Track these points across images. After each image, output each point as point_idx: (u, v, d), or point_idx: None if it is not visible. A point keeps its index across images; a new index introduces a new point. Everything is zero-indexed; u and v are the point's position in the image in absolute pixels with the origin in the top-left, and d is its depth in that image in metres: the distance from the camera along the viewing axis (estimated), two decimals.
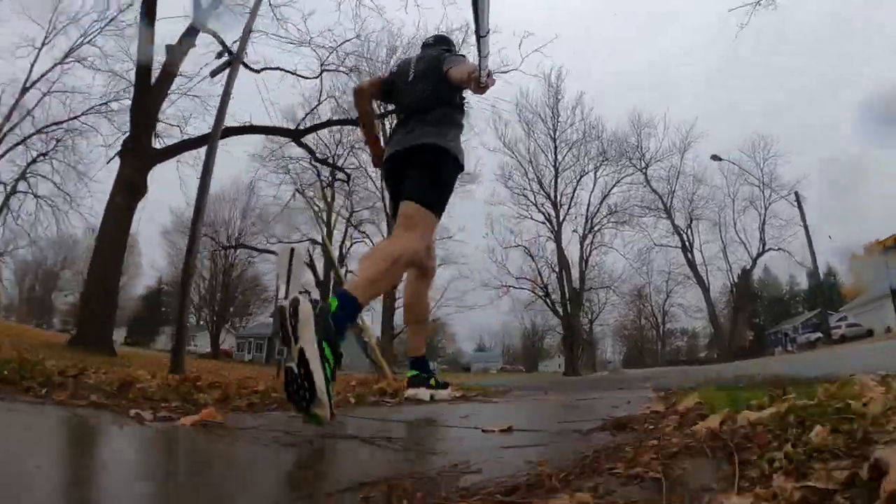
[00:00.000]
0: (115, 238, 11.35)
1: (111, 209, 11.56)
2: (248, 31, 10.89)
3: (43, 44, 21.79)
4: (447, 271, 35.50)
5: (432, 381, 2.73)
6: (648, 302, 44.04)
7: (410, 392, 2.67)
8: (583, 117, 32.80)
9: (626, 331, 48.30)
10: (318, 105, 16.19)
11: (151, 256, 44.54)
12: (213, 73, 11.88)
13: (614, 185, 33.55)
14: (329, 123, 16.35)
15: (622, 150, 33.26)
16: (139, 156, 11.87)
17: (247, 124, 14.72)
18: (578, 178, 33.00)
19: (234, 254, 40.03)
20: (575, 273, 31.55)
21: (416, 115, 2.46)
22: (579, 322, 31.89)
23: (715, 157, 25.60)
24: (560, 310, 31.04)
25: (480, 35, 1.64)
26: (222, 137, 15.44)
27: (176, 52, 13.08)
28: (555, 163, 32.41)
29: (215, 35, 12.06)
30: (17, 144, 21.93)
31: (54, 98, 21.74)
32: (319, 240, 31.69)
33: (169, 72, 12.96)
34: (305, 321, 1.54)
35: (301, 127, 15.72)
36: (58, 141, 21.89)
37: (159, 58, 12.38)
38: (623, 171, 33.47)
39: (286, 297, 1.66)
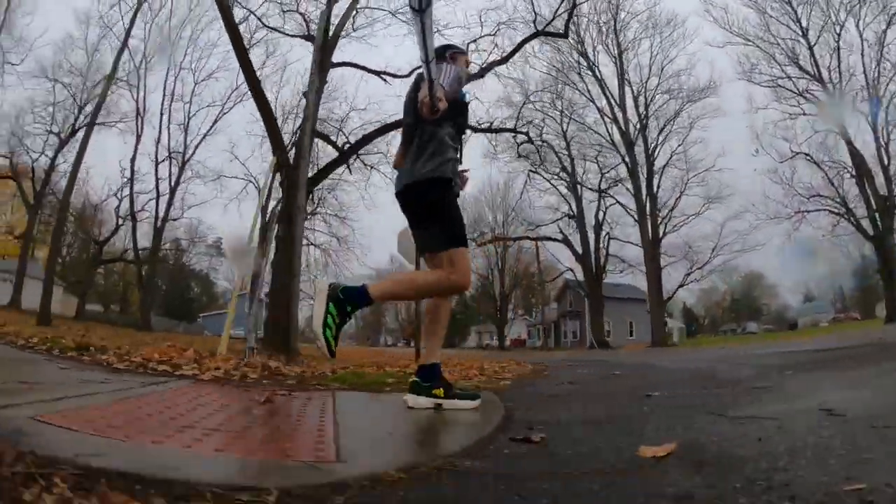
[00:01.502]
0: (285, 263, 13.58)
1: (279, 239, 13.89)
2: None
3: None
4: (717, 212, 30.27)
5: (437, 391, 2.54)
6: None
7: (408, 398, 2.58)
8: None
9: None
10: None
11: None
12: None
13: (886, 28, 22.42)
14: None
15: None
16: (293, 186, 13.98)
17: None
18: (837, 37, 23.40)
19: (504, 248, 42.79)
20: (878, 172, 22.38)
21: (408, 147, 2.62)
22: None
23: None
24: (869, 229, 22.65)
25: (426, 60, 1.76)
26: (379, 135, 16.98)
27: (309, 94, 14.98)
28: (801, 31, 23.75)
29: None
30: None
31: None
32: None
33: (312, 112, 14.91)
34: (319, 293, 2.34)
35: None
36: (320, 199, 27.96)
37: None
38: (890, 7, 22.09)
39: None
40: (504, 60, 16.25)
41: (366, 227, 35.61)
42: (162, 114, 28.13)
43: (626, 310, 40.55)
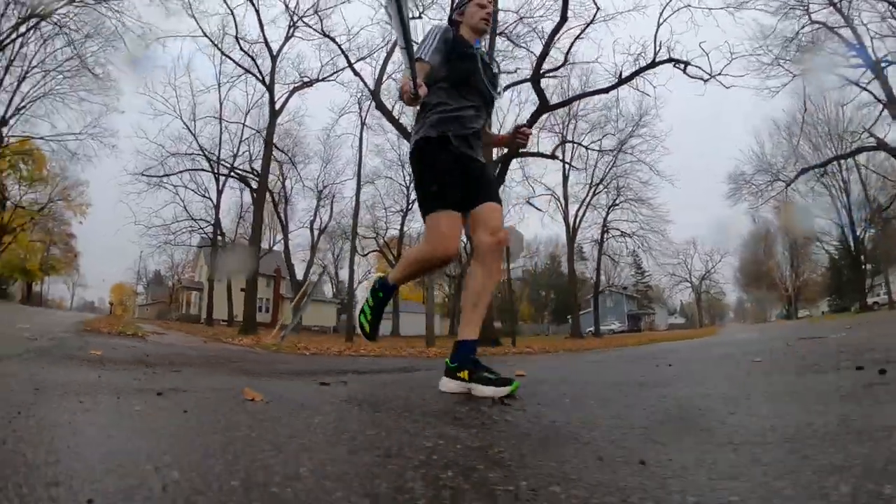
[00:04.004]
0: None
1: None
2: None
3: None
4: None
5: (463, 374, 2.25)
6: None
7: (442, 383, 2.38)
8: None
9: None
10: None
11: None
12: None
13: None
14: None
15: None
16: None
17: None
18: None
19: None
20: None
21: None
22: None
23: None
24: None
25: (403, 47, 1.90)
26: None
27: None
28: None
29: None
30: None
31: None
32: None
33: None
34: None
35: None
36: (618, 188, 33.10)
37: None
38: None
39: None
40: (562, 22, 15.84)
41: (669, 201, 35.31)
42: None
43: None
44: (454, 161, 2.35)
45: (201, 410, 1.61)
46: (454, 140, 2.35)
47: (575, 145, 30.31)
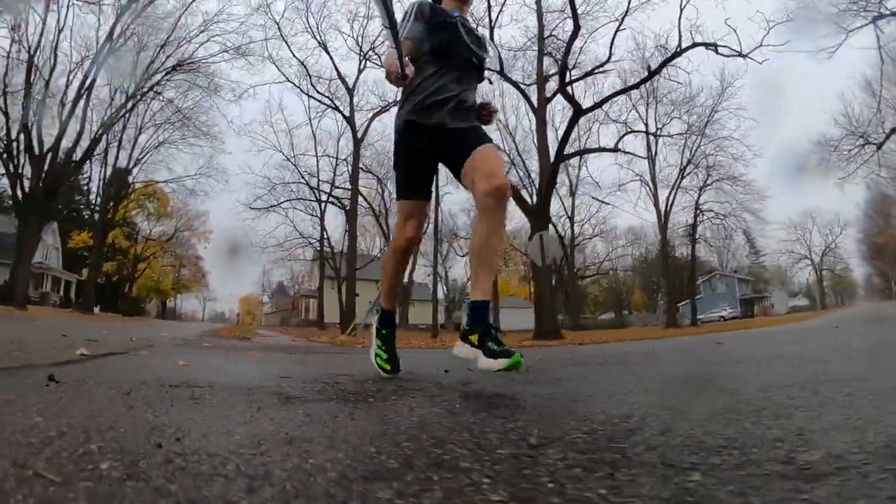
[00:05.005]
0: (547, 279, 19.08)
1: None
2: None
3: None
4: None
5: (473, 337, 2.11)
6: None
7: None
8: None
9: None
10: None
11: None
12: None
13: None
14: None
15: None
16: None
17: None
18: None
19: None
20: None
21: None
22: None
23: None
24: None
25: (386, 26, 1.89)
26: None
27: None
28: None
29: None
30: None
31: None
32: None
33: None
34: None
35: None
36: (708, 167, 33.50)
37: None
38: None
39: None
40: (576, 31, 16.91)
41: (758, 176, 34.36)
42: None
43: None
44: (427, 142, 2.38)
45: (222, 355, 4.51)
46: (429, 118, 2.36)
47: (652, 133, 31.00)
